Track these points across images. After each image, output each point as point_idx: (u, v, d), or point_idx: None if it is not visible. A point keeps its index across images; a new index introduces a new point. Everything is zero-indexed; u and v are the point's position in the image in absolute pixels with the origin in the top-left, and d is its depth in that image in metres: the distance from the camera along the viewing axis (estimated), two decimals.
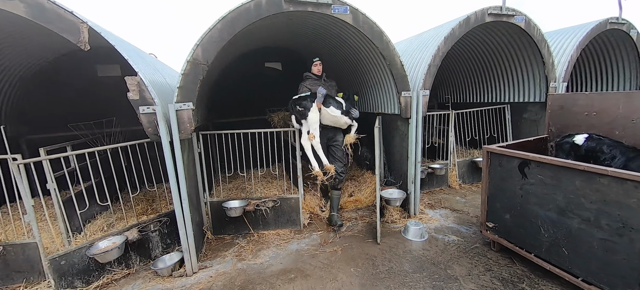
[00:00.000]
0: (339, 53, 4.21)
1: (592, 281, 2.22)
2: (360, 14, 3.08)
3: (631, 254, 1.95)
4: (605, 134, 2.68)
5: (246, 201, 3.63)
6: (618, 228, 2.01)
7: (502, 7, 3.77)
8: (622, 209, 1.96)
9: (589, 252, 2.20)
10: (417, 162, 3.74)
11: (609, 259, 2.08)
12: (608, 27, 4.73)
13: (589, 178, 2.11)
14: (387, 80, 3.63)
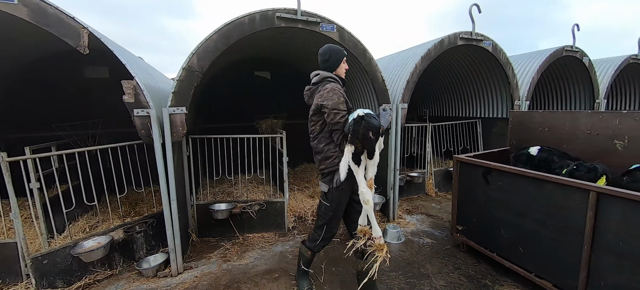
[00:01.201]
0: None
1: (543, 275, 2.53)
2: (345, 32, 3.37)
3: (572, 250, 2.27)
4: (555, 146, 3.07)
5: (233, 204, 3.74)
6: (561, 227, 2.33)
7: (472, 32, 4.21)
8: (564, 211, 2.29)
9: (540, 249, 2.51)
10: (395, 170, 4.02)
11: (555, 255, 2.40)
12: (564, 54, 5.35)
13: (539, 184, 2.44)
14: (370, 93, 3.93)
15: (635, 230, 1.87)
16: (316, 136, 2.31)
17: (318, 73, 2.33)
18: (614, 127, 2.67)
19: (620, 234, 1.95)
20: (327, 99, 2.12)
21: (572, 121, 2.97)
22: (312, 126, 2.31)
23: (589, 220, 2.09)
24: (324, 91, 2.17)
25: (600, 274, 2.09)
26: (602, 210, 2.02)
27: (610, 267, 2.03)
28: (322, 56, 2.35)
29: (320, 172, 2.36)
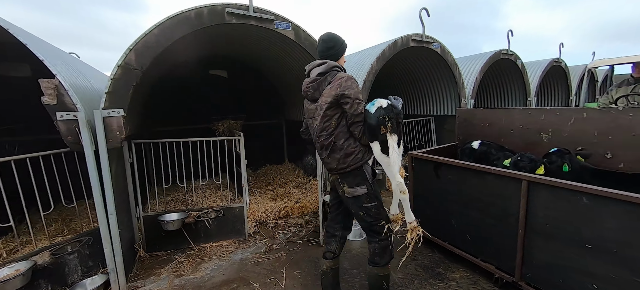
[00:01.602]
0: (284, 63, 4.39)
1: (487, 259, 2.74)
2: (301, 31, 3.33)
3: (510, 234, 2.48)
4: (494, 140, 3.37)
5: (186, 213, 3.47)
6: (501, 214, 2.54)
7: (422, 35, 4.46)
8: (503, 199, 2.50)
9: (484, 236, 2.72)
10: None
11: (497, 240, 2.61)
12: (501, 57, 5.94)
13: (480, 176, 2.64)
14: None
15: (556, 212, 2.10)
16: (332, 132, 2.01)
17: (324, 61, 2.05)
18: (540, 121, 3.00)
19: (546, 217, 2.18)
20: (348, 88, 1.92)
21: (507, 117, 3.29)
22: (326, 122, 2.01)
23: (522, 207, 2.31)
24: (341, 80, 1.94)
25: (532, 254, 2.33)
26: (532, 196, 2.24)
27: (539, 247, 2.27)
28: (326, 43, 2.10)
29: (340, 171, 2.06)
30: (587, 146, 2.66)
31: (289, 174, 5.98)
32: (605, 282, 1.92)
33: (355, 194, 2.06)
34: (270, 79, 5.82)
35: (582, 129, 2.68)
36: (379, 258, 2.15)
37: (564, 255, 2.12)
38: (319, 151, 2.18)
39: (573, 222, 2.03)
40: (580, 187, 1.95)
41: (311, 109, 2.12)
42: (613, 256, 1.86)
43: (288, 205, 4.55)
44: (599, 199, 1.86)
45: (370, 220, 2.10)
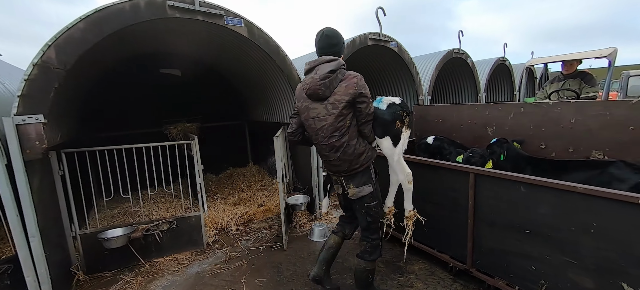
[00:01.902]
0: (243, 63, 4.19)
1: (443, 250, 2.86)
2: (255, 28, 3.18)
3: (461, 224, 2.60)
4: (447, 135, 3.55)
5: (132, 227, 3.14)
6: (453, 206, 2.66)
7: (379, 33, 4.54)
8: (454, 192, 2.62)
9: (439, 227, 2.83)
10: (319, 167, 4.04)
11: (450, 231, 2.73)
12: (453, 56, 6.31)
13: (434, 170, 2.74)
14: (287, 92, 3.83)
15: (499, 201, 2.24)
16: (345, 132, 1.99)
17: (334, 58, 1.97)
18: (486, 116, 3.21)
19: (491, 207, 2.32)
20: (363, 86, 1.96)
21: (457, 113, 3.47)
22: (340, 121, 1.96)
23: (470, 198, 2.43)
24: (356, 79, 1.95)
25: (481, 241, 2.46)
26: (479, 188, 2.37)
27: (486, 235, 2.41)
28: (331, 39, 2.02)
29: (351, 172, 2.08)
30: (525, 138, 2.89)
31: (253, 177, 5.77)
32: (541, 263, 2.08)
33: (361, 194, 2.11)
34: (230, 79, 5.56)
35: (520, 123, 2.91)
36: (369, 255, 2.24)
37: (506, 241, 2.27)
38: (326, 153, 2.09)
39: (513, 209, 2.17)
40: (518, 177, 2.09)
41: (314, 108, 2.01)
42: (546, 239, 2.02)
43: (251, 210, 4.37)
44: (534, 187, 2.01)
45: (370, 220, 2.18)
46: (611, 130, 2.32)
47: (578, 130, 2.51)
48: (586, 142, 2.48)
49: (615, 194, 1.65)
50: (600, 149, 2.42)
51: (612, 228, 1.71)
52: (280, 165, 3.37)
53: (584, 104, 2.48)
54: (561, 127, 2.62)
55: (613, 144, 2.34)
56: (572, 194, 1.83)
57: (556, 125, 2.65)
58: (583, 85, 3.95)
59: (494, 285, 2.43)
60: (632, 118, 2.19)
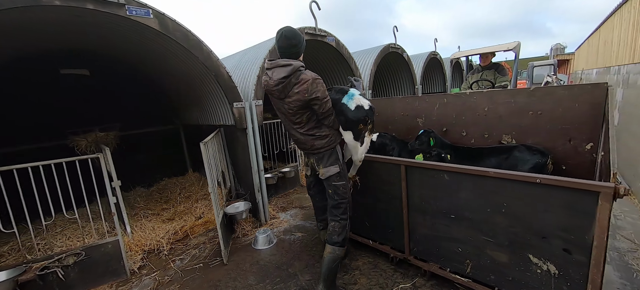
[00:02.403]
0: (167, 60, 3.69)
1: (383, 241, 2.91)
2: (169, 20, 2.78)
3: (397, 215, 2.66)
4: (383, 128, 3.64)
5: (20, 268, 2.53)
6: (390, 198, 2.70)
7: (315, 27, 4.45)
8: (389, 185, 2.65)
9: (379, 220, 2.87)
10: (260, 170, 3.81)
11: (389, 222, 2.77)
12: (390, 50, 6.60)
13: (370, 164, 2.74)
14: (216, 92, 3.50)
15: (427, 190, 2.33)
16: (304, 125, 2.23)
17: (288, 64, 2.05)
18: (416, 108, 3.35)
19: (421, 196, 2.40)
20: (315, 91, 2.07)
21: (391, 106, 3.58)
22: (297, 119, 2.20)
23: (403, 189, 2.49)
24: (307, 84, 2.05)
25: (415, 229, 2.55)
26: (409, 179, 2.43)
27: (419, 222, 2.49)
28: (290, 40, 2.10)
29: (316, 153, 2.30)
30: (449, 127, 3.08)
31: (193, 186, 5.25)
32: (465, 244, 2.21)
33: (328, 174, 2.30)
34: (156, 79, 4.91)
35: (444, 112, 3.10)
36: (337, 236, 2.36)
37: (436, 227, 2.37)
38: (291, 135, 2.36)
39: (439, 197, 2.27)
40: (441, 166, 2.18)
41: (279, 105, 2.22)
42: (468, 222, 2.15)
43: (188, 224, 3.94)
44: (455, 174, 2.12)
45: (338, 199, 2.35)
46: (516, 116, 2.59)
47: (491, 117, 2.76)
48: (498, 127, 2.74)
49: (518, 175, 1.80)
50: (508, 133, 2.69)
51: (518, 206, 1.87)
52: (211, 173, 3.06)
53: (494, 93, 2.72)
54: (477, 115, 2.85)
55: (518, 128, 2.62)
56: (485, 178, 1.95)
57: (474, 113, 2.87)
58: (497, 75, 4.42)
59: (429, 270, 2.54)
60: (531, 104, 2.47)
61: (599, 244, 1.61)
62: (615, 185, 1.49)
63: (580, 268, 1.73)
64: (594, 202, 1.58)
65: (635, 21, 4.21)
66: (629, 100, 4.38)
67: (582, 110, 2.24)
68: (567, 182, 1.65)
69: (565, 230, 1.74)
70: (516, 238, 1.95)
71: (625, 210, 3.48)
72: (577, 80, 12.17)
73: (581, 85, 2.26)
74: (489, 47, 4.64)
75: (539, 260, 1.90)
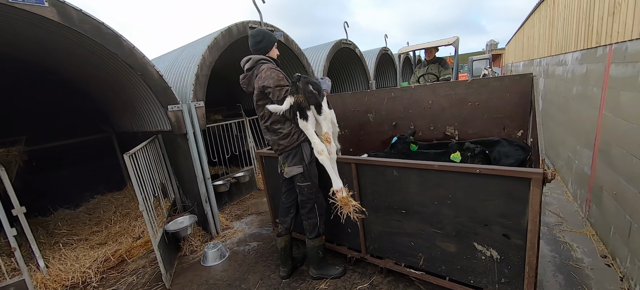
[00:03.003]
0: (86, 60, 3.10)
1: (341, 242, 2.81)
2: (72, 10, 2.30)
3: None
4: None
5: None
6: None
7: (260, 22, 4.19)
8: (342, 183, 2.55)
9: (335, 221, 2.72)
10: (206, 179, 3.46)
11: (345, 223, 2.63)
12: (342, 46, 6.59)
13: None
14: (145, 93, 3.07)
15: (379, 186, 2.28)
16: (268, 118, 2.29)
17: (250, 58, 2.29)
18: (366, 103, 3.32)
19: (373, 193, 2.34)
20: (266, 78, 2.15)
21: (342, 102, 3.50)
22: (260, 111, 2.31)
23: (355, 187, 2.41)
24: (261, 72, 2.19)
25: (370, 228, 2.50)
26: (361, 176, 2.36)
27: (373, 220, 2.44)
28: (255, 38, 2.31)
29: (281, 152, 2.35)
30: (398, 120, 3.10)
31: (131, 202, 4.63)
32: (417, 238, 2.21)
33: (292, 174, 2.33)
34: (76, 82, 4.19)
35: (393, 107, 3.11)
36: (309, 233, 2.48)
37: (389, 223, 2.34)
38: (264, 134, 2.42)
39: (390, 192, 2.23)
40: (390, 162, 2.13)
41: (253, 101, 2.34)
42: (418, 215, 2.14)
43: (124, 247, 3.43)
44: (403, 169, 2.09)
45: (303, 199, 2.40)
46: (457, 108, 2.69)
47: (435, 110, 2.83)
48: (441, 119, 2.82)
49: (459, 167, 1.82)
50: (451, 124, 2.78)
51: (461, 197, 1.90)
52: (142, 188, 2.66)
53: (436, 86, 2.79)
54: (423, 108, 2.91)
55: (459, 119, 2.72)
56: (430, 172, 1.95)
57: (419, 106, 2.92)
58: (441, 69, 4.64)
59: (385, 267, 2.51)
60: (469, 95, 2.57)
61: (532, 228, 1.68)
62: (544, 171, 1.56)
63: (518, 251, 1.80)
64: (526, 188, 1.64)
65: (552, 18, 4.73)
66: (549, 88, 4.94)
67: (512, 99, 2.38)
68: (503, 170, 1.69)
69: (503, 216, 1.80)
70: (462, 228, 1.98)
71: (551, 187, 3.90)
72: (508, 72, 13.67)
73: (511, 76, 2.40)
74: (432, 42, 4.85)
75: (482, 247, 1.95)
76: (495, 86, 2.45)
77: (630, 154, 2.16)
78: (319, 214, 2.46)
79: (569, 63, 3.62)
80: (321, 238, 2.53)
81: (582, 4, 3.19)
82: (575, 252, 2.56)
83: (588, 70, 2.95)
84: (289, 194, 2.58)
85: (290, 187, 2.56)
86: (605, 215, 2.56)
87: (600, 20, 2.69)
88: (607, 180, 2.53)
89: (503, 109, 2.47)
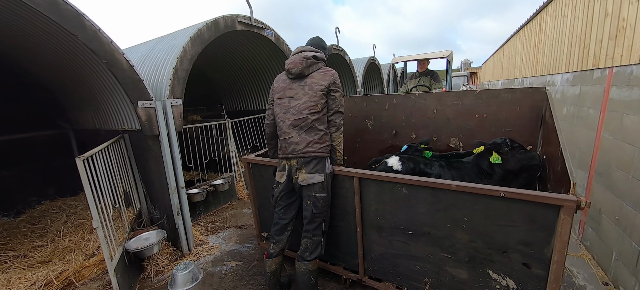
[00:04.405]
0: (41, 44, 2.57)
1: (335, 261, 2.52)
2: None
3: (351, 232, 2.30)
4: None
5: None
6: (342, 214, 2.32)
7: (250, 17, 3.86)
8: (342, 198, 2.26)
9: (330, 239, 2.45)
10: (179, 188, 3.02)
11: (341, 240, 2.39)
12: (333, 52, 6.40)
13: None
14: (115, 86, 2.61)
15: (384, 204, 2.04)
16: (315, 113, 2.11)
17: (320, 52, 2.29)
18: (365, 108, 3.10)
19: (377, 211, 2.09)
20: (337, 80, 2.21)
21: None
22: (315, 102, 2.12)
23: (356, 203, 2.15)
24: (333, 73, 2.21)
25: (370, 248, 2.24)
26: (364, 192, 2.11)
27: (375, 240, 2.19)
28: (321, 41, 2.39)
29: (304, 155, 2.09)
30: (399, 129, 2.90)
31: (87, 211, 3.99)
32: (424, 261, 1.99)
33: (311, 181, 2.09)
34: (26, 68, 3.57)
35: (394, 114, 2.91)
36: (309, 253, 2.19)
37: (393, 244, 2.10)
38: (287, 130, 2.13)
39: (397, 211, 2.00)
40: (400, 178, 1.90)
41: (292, 88, 2.17)
42: (427, 237, 1.92)
43: (72, 267, 2.86)
44: (413, 187, 1.86)
45: (315, 212, 2.14)
46: (463, 119, 2.55)
47: (439, 120, 2.67)
48: (446, 130, 2.66)
49: (481, 188, 1.62)
50: (456, 136, 2.63)
51: (479, 220, 1.70)
52: (98, 199, 2.21)
53: (443, 95, 2.64)
54: (426, 117, 2.74)
55: (465, 131, 2.57)
56: (446, 192, 1.74)
57: (423, 115, 2.75)
58: (432, 82, 4.58)
59: None
60: (477, 107, 2.44)
61: (559, 259, 1.52)
62: (577, 198, 1.40)
63: (539, 282, 1.63)
64: (554, 216, 1.48)
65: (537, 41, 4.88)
66: None
67: (522, 113, 2.27)
68: (530, 195, 1.52)
69: (525, 244, 1.62)
70: (476, 254, 1.78)
71: None
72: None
73: (522, 89, 2.30)
74: (426, 53, 4.80)
75: (498, 275, 1.76)
76: (505, 98, 2.33)
77: (637, 179, 2.10)
78: (324, 232, 2.23)
79: (558, 83, 3.67)
80: (316, 261, 2.24)
81: (575, 28, 3.24)
82: (577, 278, 2.46)
83: (582, 91, 2.95)
84: (289, 208, 2.27)
85: (291, 200, 2.26)
86: (605, 240, 2.50)
87: (599, 43, 2.69)
88: (606, 203, 2.47)
89: (512, 123, 2.36)
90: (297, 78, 2.16)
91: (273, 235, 2.29)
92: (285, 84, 2.21)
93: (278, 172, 2.26)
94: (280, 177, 2.23)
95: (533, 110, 2.24)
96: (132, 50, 4.23)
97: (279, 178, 2.25)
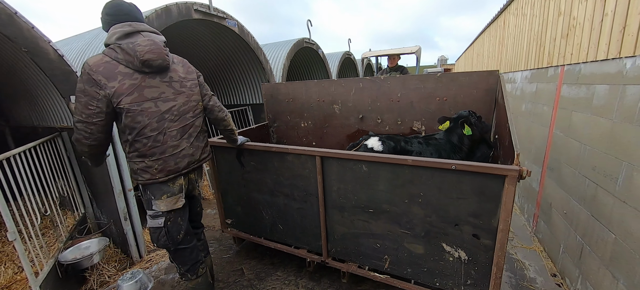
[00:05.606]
0: None
1: (299, 245, 2.50)
2: None
3: (313, 214, 2.29)
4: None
5: None
6: (304, 196, 2.30)
7: (209, 6, 3.62)
8: (303, 179, 2.25)
9: (293, 222, 2.44)
10: (126, 191, 2.79)
11: (304, 223, 2.38)
12: (304, 45, 6.34)
13: (282, 157, 2.29)
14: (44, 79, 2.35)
15: (345, 183, 2.03)
16: (198, 114, 1.89)
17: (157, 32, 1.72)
18: (332, 93, 3.09)
19: (339, 190, 2.09)
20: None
21: (306, 91, 3.21)
22: (195, 100, 1.86)
23: (319, 184, 2.13)
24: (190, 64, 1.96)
25: (333, 228, 2.23)
26: (326, 172, 2.09)
27: (337, 221, 2.18)
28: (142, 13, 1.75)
29: (200, 162, 1.92)
30: (365, 113, 2.92)
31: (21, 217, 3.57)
32: (384, 239, 2.02)
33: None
34: None
35: (361, 98, 2.93)
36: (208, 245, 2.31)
37: (355, 223, 2.11)
38: (175, 142, 1.72)
39: (357, 190, 2.00)
40: (361, 156, 1.90)
41: (153, 86, 1.64)
42: (386, 215, 1.95)
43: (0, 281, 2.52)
44: (374, 164, 1.87)
45: (200, 209, 2.18)
46: (425, 102, 2.61)
47: (403, 104, 2.72)
48: (409, 114, 2.72)
49: (436, 162, 1.66)
50: (419, 119, 2.69)
51: (433, 195, 1.75)
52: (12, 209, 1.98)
53: (407, 78, 2.69)
54: (391, 101, 2.78)
55: (427, 114, 2.65)
56: (403, 167, 1.77)
57: (388, 99, 2.79)
58: None
59: (347, 271, 2.27)
60: (438, 89, 2.51)
61: (503, 227, 1.60)
62: (519, 167, 1.48)
63: (487, 252, 1.72)
64: (500, 186, 1.55)
65: (502, 37, 5.15)
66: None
67: (479, 96, 2.37)
68: (478, 167, 1.58)
69: (475, 215, 1.69)
70: (431, 228, 1.84)
71: None
72: None
73: (478, 72, 2.40)
74: (395, 49, 4.89)
75: (451, 248, 1.83)
76: (463, 82, 2.42)
77: (582, 175, 2.16)
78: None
79: (518, 81, 3.85)
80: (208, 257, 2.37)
81: (533, 26, 3.39)
82: (528, 270, 2.51)
83: (538, 89, 3.08)
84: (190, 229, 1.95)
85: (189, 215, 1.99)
86: (554, 233, 2.56)
87: (553, 41, 2.77)
88: (556, 198, 2.53)
89: (469, 105, 2.46)
90: (157, 72, 1.63)
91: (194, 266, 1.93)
92: (134, 81, 1.56)
93: (169, 199, 1.73)
94: (176, 202, 1.75)
95: (488, 93, 2.35)
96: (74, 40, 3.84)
97: (173, 204, 1.74)
